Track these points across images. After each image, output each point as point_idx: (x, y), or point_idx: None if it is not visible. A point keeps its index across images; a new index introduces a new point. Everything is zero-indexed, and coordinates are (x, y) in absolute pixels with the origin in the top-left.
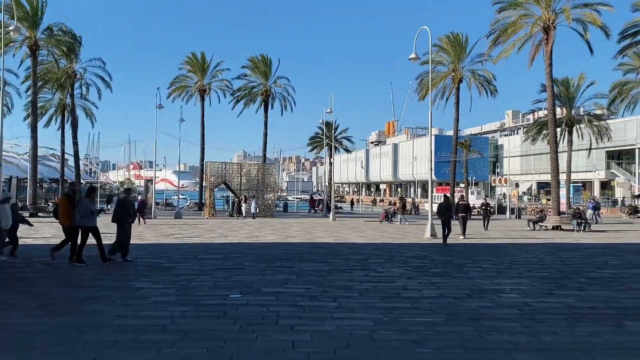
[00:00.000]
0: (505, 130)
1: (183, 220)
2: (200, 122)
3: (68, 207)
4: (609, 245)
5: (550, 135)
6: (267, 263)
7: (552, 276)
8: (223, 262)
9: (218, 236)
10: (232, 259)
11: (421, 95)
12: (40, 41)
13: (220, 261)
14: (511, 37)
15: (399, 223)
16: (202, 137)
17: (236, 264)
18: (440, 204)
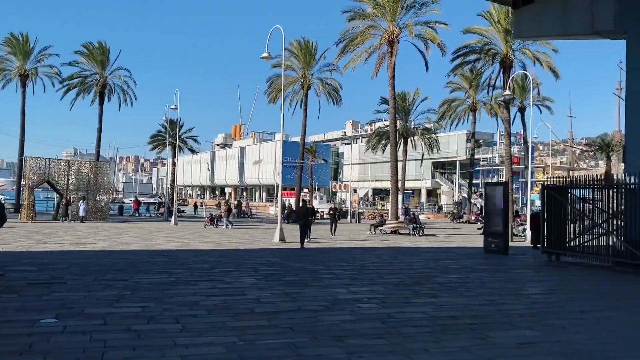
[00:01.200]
0: (345, 139)
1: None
2: (20, 111)
3: None
4: (444, 249)
5: (391, 144)
6: (95, 276)
7: (404, 282)
8: (37, 275)
9: (35, 243)
10: (51, 271)
11: (271, 98)
12: None
13: (33, 274)
14: (359, 46)
15: (225, 227)
16: (22, 129)
17: (55, 277)
18: (298, 207)
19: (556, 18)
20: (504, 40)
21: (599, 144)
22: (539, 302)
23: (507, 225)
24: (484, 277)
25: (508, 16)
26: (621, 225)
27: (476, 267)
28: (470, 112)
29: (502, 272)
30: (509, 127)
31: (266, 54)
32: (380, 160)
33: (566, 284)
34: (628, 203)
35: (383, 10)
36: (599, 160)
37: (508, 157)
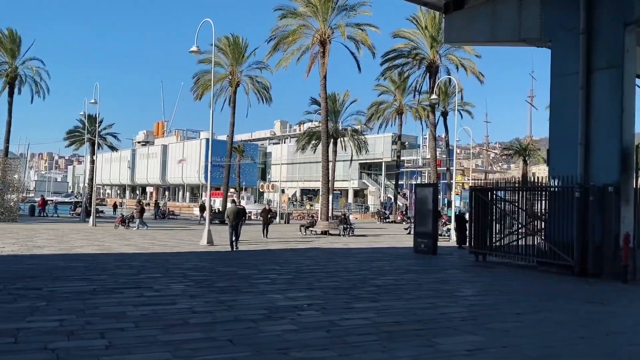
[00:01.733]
0: (274, 138)
1: None
2: None
3: None
4: (376, 250)
5: (323, 145)
6: (4, 284)
7: (342, 285)
8: None
9: None
10: None
11: (197, 94)
12: None
13: None
14: (291, 45)
15: (137, 228)
16: None
17: None
18: (229, 208)
19: (485, 25)
20: (430, 46)
21: (517, 148)
22: (477, 305)
23: (436, 226)
24: (419, 279)
25: (435, 22)
26: (544, 226)
27: (409, 268)
28: (397, 115)
29: (435, 273)
30: (434, 130)
31: (195, 48)
32: (309, 160)
33: (497, 285)
34: (551, 205)
35: (315, 10)
36: (511, 163)
37: (433, 159)
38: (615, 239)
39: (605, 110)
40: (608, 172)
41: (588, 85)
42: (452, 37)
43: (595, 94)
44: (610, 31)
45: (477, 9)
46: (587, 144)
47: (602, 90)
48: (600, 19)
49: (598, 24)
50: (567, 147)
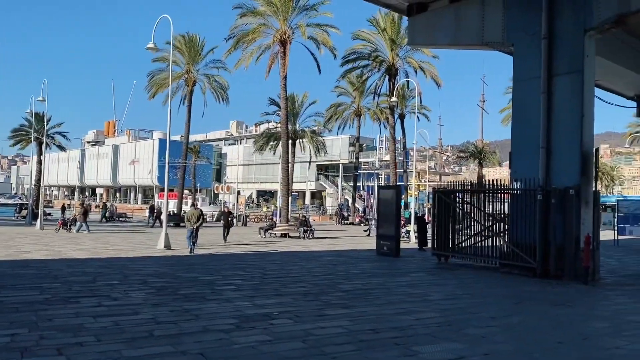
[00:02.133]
0: (229, 139)
1: None
2: None
3: None
4: (338, 252)
5: (283, 146)
6: None
7: (311, 291)
8: None
9: None
10: None
11: (152, 93)
12: None
13: None
14: (251, 44)
15: (76, 232)
16: None
17: None
18: (189, 211)
19: (449, 28)
20: (390, 49)
21: (472, 151)
22: (450, 309)
23: (399, 228)
24: (386, 283)
25: (394, 25)
26: (507, 228)
27: (375, 272)
28: (356, 117)
29: (401, 277)
30: (393, 132)
31: (152, 45)
32: (266, 161)
33: (465, 288)
34: (513, 207)
35: (275, 9)
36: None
37: (392, 161)
38: (576, 241)
39: (567, 114)
40: (569, 175)
41: (549, 89)
42: (416, 40)
43: (556, 98)
44: (571, 36)
45: (441, 12)
46: (548, 148)
47: (563, 95)
48: (561, 24)
49: (559, 29)
50: (529, 150)
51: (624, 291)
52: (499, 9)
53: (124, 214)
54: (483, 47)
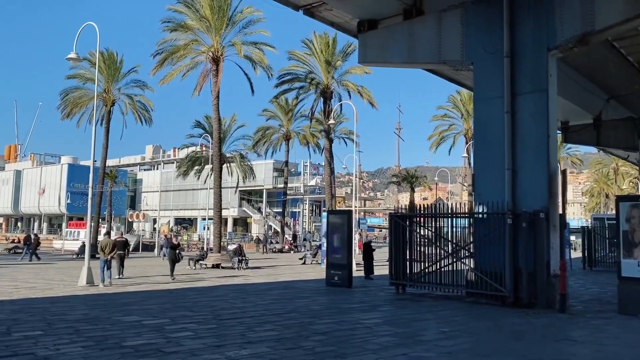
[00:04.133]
0: (145, 164)
1: None
2: None
3: None
4: (284, 285)
5: (215, 170)
6: None
7: (284, 335)
8: None
9: None
10: None
11: (66, 112)
12: None
13: None
14: (181, 60)
15: None
16: None
17: None
18: (103, 240)
19: (402, 46)
20: (325, 71)
21: (405, 175)
22: (458, 352)
23: (351, 256)
24: (362, 320)
25: (329, 47)
26: (471, 254)
27: (339, 306)
28: (284, 140)
29: (371, 311)
30: (329, 155)
31: (73, 54)
32: (184, 187)
33: (449, 323)
34: (479, 232)
35: (207, 25)
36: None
37: (329, 185)
38: (547, 266)
39: (532, 134)
40: (536, 198)
41: (513, 109)
42: (368, 58)
43: (520, 118)
44: (534, 55)
45: (393, 29)
46: (514, 169)
47: (527, 115)
48: (523, 42)
49: (521, 47)
50: (493, 172)
51: (605, 320)
52: (457, 26)
53: None
54: (440, 66)
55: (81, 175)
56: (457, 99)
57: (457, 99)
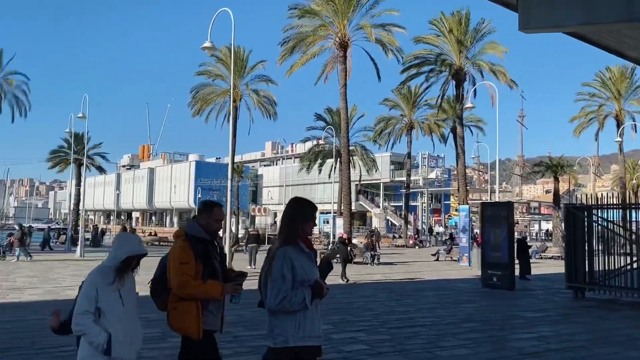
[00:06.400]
0: (265, 160)
1: None
2: None
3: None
4: (432, 284)
5: (343, 162)
6: None
7: (489, 357)
8: None
9: None
10: None
11: (196, 109)
12: None
13: None
14: (311, 47)
15: (16, 260)
16: None
17: None
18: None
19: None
20: (457, 51)
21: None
22: None
23: (513, 254)
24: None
25: (461, 26)
26: None
27: (519, 314)
28: (407, 131)
29: (569, 323)
30: (462, 143)
31: (208, 44)
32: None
33: None
34: None
35: (335, 9)
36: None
37: (462, 176)
38: None
39: None
40: None
41: None
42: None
43: None
44: None
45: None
46: None
47: None
48: None
49: None
50: None
51: None
52: None
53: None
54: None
55: (207, 172)
56: (606, 76)
57: (605, 77)
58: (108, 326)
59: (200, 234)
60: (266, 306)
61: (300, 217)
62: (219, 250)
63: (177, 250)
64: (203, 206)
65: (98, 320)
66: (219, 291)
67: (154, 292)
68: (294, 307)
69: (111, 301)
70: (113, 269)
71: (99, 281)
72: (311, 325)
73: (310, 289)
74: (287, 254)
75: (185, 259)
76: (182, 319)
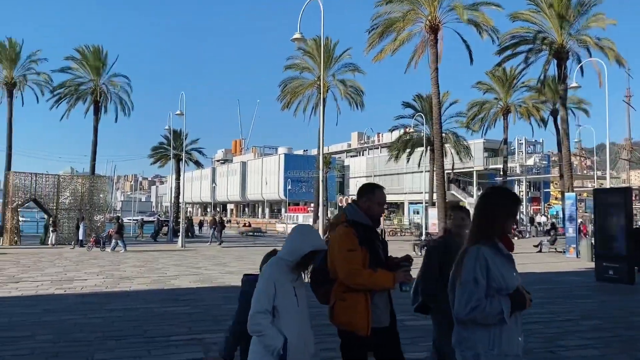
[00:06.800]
0: (351, 151)
1: None
2: (7, 124)
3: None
4: (539, 277)
5: (436, 149)
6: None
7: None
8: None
9: (4, 282)
10: (1, 344)
11: (285, 102)
12: None
13: None
14: (400, 32)
15: (111, 250)
16: (9, 142)
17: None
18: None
19: None
20: (558, 27)
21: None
22: None
23: (632, 246)
24: None
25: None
26: None
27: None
28: (502, 115)
29: None
30: (566, 127)
31: (298, 35)
32: (390, 172)
33: None
34: None
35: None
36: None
37: (567, 162)
38: None
39: None
40: None
41: None
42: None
43: None
44: None
45: None
46: None
47: None
48: None
49: None
50: None
51: None
52: None
53: (259, 229)
54: None
55: (295, 164)
56: None
57: None
58: (283, 328)
59: (363, 219)
60: (454, 314)
61: (502, 211)
62: (382, 238)
63: (341, 237)
64: (363, 189)
65: (273, 321)
66: (391, 280)
67: (314, 283)
68: (488, 320)
69: (288, 300)
70: (292, 263)
71: (278, 277)
72: (508, 342)
73: (509, 299)
74: (482, 254)
75: (351, 246)
76: (349, 313)
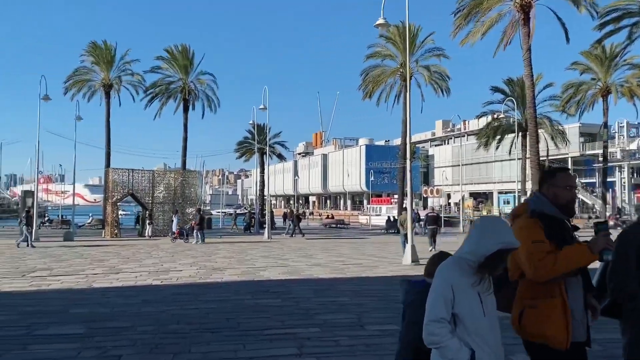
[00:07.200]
0: (435, 140)
1: (74, 242)
2: (105, 123)
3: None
4: None
5: (530, 135)
6: (169, 348)
7: None
8: (79, 347)
9: (106, 272)
10: (105, 335)
11: (367, 92)
12: None
13: (74, 344)
14: (487, 12)
15: (196, 242)
16: (108, 141)
17: (103, 353)
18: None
19: None
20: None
21: None
22: None
23: None
24: None
25: None
26: None
27: None
28: (601, 97)
29: None
30: None
31: (382, 21)
32: (478, 160)
33: None
34: None
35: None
36: None
37: None
38: None
39: None
40: None
41: None
42: None
43: None
44: None
45: None
46: None
47: None
48: None
49: None
50: None
51: None
52: None
53: (342, 221)
54: None
55: (377, 155)
56: None
57: None
58: (467, 339)
59: (550, 209)
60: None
61: None
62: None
63: (522, 230)
64: (542, 176)
65: (454, 330)
66: (586, 251)
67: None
68: None
69: (471, 307)
70: (474, 264)
71: (457, 279)
72: None
73: None
74: None
75: (537, 237)
76: (543, 323)
